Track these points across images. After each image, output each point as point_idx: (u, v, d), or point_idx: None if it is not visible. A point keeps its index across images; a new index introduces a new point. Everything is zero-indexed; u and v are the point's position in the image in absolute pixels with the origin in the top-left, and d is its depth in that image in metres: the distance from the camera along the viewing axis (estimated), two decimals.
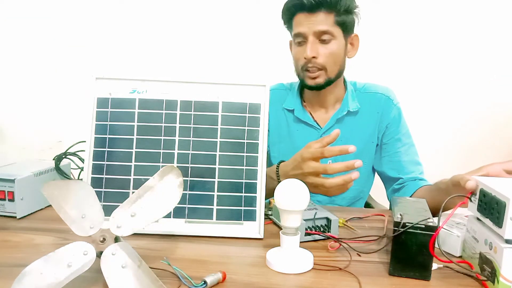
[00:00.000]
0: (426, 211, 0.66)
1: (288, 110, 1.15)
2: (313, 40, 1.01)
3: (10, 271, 0.58)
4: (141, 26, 1.83)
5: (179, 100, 0.80)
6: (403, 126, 1.13)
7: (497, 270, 0.56)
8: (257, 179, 0.78)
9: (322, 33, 1.00)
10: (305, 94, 1.16)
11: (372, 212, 0.91)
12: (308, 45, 1.01)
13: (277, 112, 1.17)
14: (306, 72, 1.04)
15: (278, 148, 1.16)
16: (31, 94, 1.61)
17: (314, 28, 1.00)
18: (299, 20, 1.02)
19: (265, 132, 0.79)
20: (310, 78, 1.04)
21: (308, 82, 1.06)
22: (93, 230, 0.58)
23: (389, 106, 1.12)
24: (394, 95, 1.15)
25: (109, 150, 0.78)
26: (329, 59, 1.03)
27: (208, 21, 1.82)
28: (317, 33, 1.00)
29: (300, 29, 1.02)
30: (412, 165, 1.10)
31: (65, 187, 0.63)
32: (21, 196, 0.83)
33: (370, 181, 1.19)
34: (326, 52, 1.02)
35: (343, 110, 1.11)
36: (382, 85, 1.16)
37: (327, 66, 1.03)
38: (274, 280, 0.60)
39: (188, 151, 0.78)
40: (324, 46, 1.02)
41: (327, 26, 1.00)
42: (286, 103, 1.16)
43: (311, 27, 1.00)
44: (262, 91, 0.81)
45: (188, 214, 0.76)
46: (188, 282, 0.57)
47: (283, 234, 0.64)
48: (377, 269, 0.64)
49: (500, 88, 1.79)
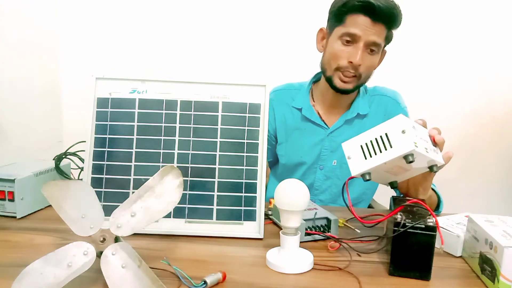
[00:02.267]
0: (426, 211, 0.66)
1: (296, 108, 1.15)
2: (363, 47, 0.98)
3: (10, 271, 0.58)
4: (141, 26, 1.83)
5: (179, 100, 0.80)
6: None
7: (497, 269, 0.56)
8: (257, 179, 0.78)
9: (374, 44, 0.98)
10: (316, 93, 1.15)
11: (372, 212, 0.91)
12: (359, 52, 0.97)
13: (285, 111, 1.16)
14: (340, 72, 1.01)
15: (285, 146, 1.16)
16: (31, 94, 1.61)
17: (371, 37, 0.97)
18: (357, 21, 0.97)
19: (265, 132, 0.79)
20: (341, 80, 1.02)
21: (337, 84, 1.03)
22: (93, 230, 0.58)
23: (396, 109, 1.12)
24: (402, 99, 1.15)
25: (109, 150, 0.78)
26: (368, 70, 1.02)
27: (208, 21, 1.82)
28: (369, 43, 0.98)
29: (356, 30, 0.97)
30: None
31: (65, 187, 0.63)
32: (21, 196, 0.83)
33: (374, 184, 1.19)
34: (369, 63, 1.00)
35: (353, 112, 1.10)
36: (390, 89, 1.17)
37: (363, 75, 1.02)
38: (274, 280, 0.60)
39: (188, 151, 0.78)
40: (369, 57, 1.00)
41: (381, 39, 0.99)
42: (295, 102, 1.16)
43: (368, 34, 0.97)
44: (262, 91, 0.81)
45: (188, 214, 0.76)
46: (188, 282, 0.57)
47: (283, 234, 0.64)
48: (377, 269, 0.64)
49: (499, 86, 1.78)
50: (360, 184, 1.13)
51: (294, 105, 1.15)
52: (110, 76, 0.81)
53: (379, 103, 1.13)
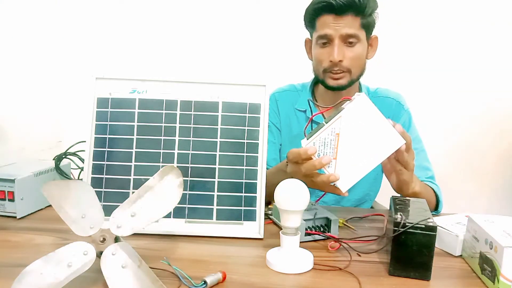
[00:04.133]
0: (426, 211, 0.66)
1: (300, 110, 1.15)
2: (339, 43, 0.99)
3: (10, 271, 0.58)
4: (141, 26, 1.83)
5: (179, 100, 0.80)
6: (413, 131, 1.13)
7: (497, 269, 0.56)
8: (257, 179, 0.78)
9: (349, 36, 0.98)
10: (318, 94, 1.16)
11: (372, 212, 0.91)
12: (335, 49, 0.98)
13: (288, 113, 1.16)
14: (329, 73, 1.03)
15: (289, 148, 1.16)
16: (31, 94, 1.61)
17: (342, 31, 0.98)
18: (326, 22, 0.99)
19: (265, 132, 0.79)
20: (333, 79, 1.03)
21: (330, 83, 1.04)
22: (93, 230, 0.58)
23: (400, 111, 1.13)
24: (404, 101, 1.15)
25: (109, 150, 0.78)
26: (354, 62, 1.02)
27: (208, 21, 1.82)
28: (344, 36, 0.98)
29: (326, 31, 0.99)
30: (419, 170, 1.10)
31: (65, 187, 0.63)
32: (21, 196, 0.83)
33: (377, 184, 1.19)
34: (351, 55, 1.00)
35: None
36: (393, 90, 1.17)
37: (352, 68, 1.02)
38: (274, 280, 0.60)
39: (188, 151, 0.78)
40: (349, 49, 1.00)
41: (354, 29, 0.99)
42: (298, 104, 1.15)
43: (338, 29, 0.98)
44: (262, 91, 0.80)
45: (188, 214, 0.76)
46: (188, 282, 0.57)
47: (283, 234, 0.64)
48: (377, 269, 0.64)
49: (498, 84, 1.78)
50: (364, 185, 1.13)
51: (298, 107, 1.15)
52: (110, 76, 0.81)
53: (382, 105, 1.13)
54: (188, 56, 1.83)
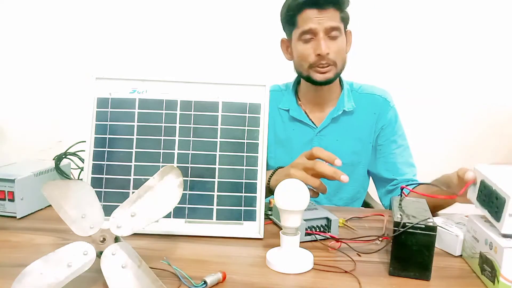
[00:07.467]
0: (426, 211, 0.66)
1: (284, 110, 1.16)
2: (324, 36, 1.00)
3: (10, 271, 0.58)
4: (141, 26, 1.83)
5: (179, 100, 0.80)
6: (399, 128, 1.14)
7: (497, 270, 0.56)
8: (257, 179, 0.78)
9: (332, 29, 1.00)
10: (301, 93, 1.16)
11: (372, 212, 0.91)
12: (322, 42, 1.00)
13: (272, 113, 1.16)
14: (315, 68, 1.03)
15: (274, 148, 1.16)
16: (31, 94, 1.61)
17: (326, 24, 0.99)
18: (309, 16, 1.00)
19: (265, 132, 0.79)
20: (320, 73, 1.04)
21: (316, 78, 1.04)
22: (93, 230, 0.58)
23: (386, 107, 1.13)
24: (391, 97, 1.16)
25: (109, 150, 0.78)
26: (338, 55, 1.03)
27: (208, 21, 1.82)
28: (327, 30, 1.00)
29: (310, 25, 1.00)
30: (406, 167, 1.12)
31: (65, 187, 0.63)
32: (21, 196, 0.83)
33: (366, 182, 1.20)
34: (335, 48, 1.02)
35: (338, 109, 1.11)
36: (379, 87, 1.17)
37: (337, 61, 1.03)
38: (274, 280, 0.60)
39: (188, 151, 0.78)
40: (333, 42, 1.02)
41: (336, 22, 1.01)
42: (282, 103, 1.16)
43: (322, 23, 0.99)
44: (262, 91, 0.81)
45: (188, 214, 0.76)
46: (188, 282, 0.57)
47: (283, 234, 0.64)
48: (377, 269, 0.64)
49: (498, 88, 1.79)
50: (354, 184, 1.14)
51: (281, 107, 1.16)
52: (110, 76, 0.81)
53: (368, 101, 1.14)
54: (188, 56, 1.83)
